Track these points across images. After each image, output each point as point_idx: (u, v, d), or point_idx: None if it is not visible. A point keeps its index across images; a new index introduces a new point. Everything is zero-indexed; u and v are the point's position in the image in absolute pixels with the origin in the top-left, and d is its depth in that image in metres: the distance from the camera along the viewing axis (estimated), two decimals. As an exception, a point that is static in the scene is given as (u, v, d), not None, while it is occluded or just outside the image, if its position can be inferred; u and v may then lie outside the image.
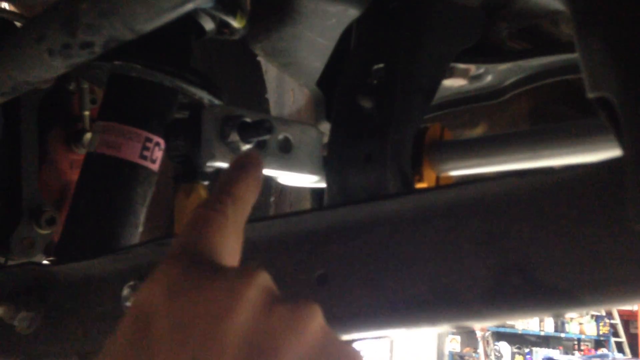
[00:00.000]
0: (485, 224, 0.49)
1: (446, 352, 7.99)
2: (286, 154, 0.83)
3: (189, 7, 0.50)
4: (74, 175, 1.22)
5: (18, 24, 1.03)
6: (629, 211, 0.42)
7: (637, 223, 0.41)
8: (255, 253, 0.60)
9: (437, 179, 0.88)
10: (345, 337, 0.55)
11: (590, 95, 0.47)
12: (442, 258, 0.50)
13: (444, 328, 0.52)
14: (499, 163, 0.86)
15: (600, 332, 9.31)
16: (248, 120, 0.79)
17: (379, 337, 0.55)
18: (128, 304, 0.66)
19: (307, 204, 1.38)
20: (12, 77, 0.63)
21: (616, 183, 0.45)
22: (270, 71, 1.34)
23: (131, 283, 0.67)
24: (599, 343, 9.35)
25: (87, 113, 1.21)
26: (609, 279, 0.44)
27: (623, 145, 0.44)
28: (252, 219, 0.63)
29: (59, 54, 0.57)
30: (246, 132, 0.78)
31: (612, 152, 0.70)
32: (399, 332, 0.53)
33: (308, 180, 0.91)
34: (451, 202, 0.52)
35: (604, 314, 9.19)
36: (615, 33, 0.46)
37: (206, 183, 0.87)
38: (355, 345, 0.37)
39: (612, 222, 0.44)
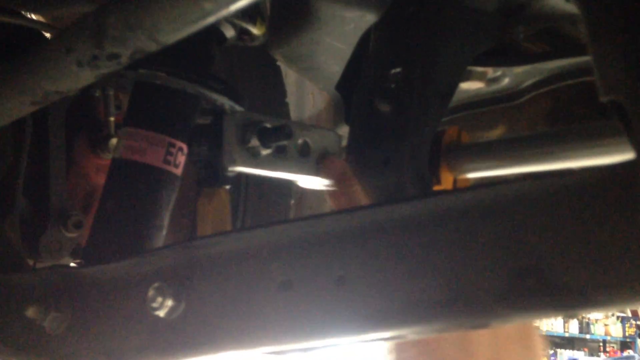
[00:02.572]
0: (500, 227, 0.50)
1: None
2: (305, 158, 0.84)
3: (211, 19, 0.51)
4: (99, 180, 1.25)
5: (47, 34, 1.06)
6: (641, 213, 0.43)
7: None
8: (276, 255, 0.61)
9: (455, 181, 0.89)
10: (364, 338, 0.56)
11: (603, 99, 0.47)
12: (458, 260, 0.51)
13: (459, 329, 0.53)
14: (517, 165, 0.87)
15: (627, 334, 9.17)
16: (268, 125, 0.81)
17: (395, 339, 0.56)
18: (154, 304, 0.68)
19: (327, 207, 1.39)
20: (42, 87, 0.66)
21: (629, 185, 0.46)
22: (290, 75, 1.36)
23: (156, 285, 0.69)
24: (624, 344, 9.21)
25: (112, 119, 1.24)
26: (621, 280, 0.45)
27: (636, 147, 0.45)
28: (272, 222, 0.65)
29: (87, 65, 0.60)
30: (266, 137, 0.80)
31: (630, 154, 0.70)
32: (414, 334, 0.54)
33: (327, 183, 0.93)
34: (467, 205, 0.53)
35: (630, 315, 9.04)
36: (629, 37, 0.47)
37: (227, 187, 0.89)
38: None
39: (624, 224, 0.45)
